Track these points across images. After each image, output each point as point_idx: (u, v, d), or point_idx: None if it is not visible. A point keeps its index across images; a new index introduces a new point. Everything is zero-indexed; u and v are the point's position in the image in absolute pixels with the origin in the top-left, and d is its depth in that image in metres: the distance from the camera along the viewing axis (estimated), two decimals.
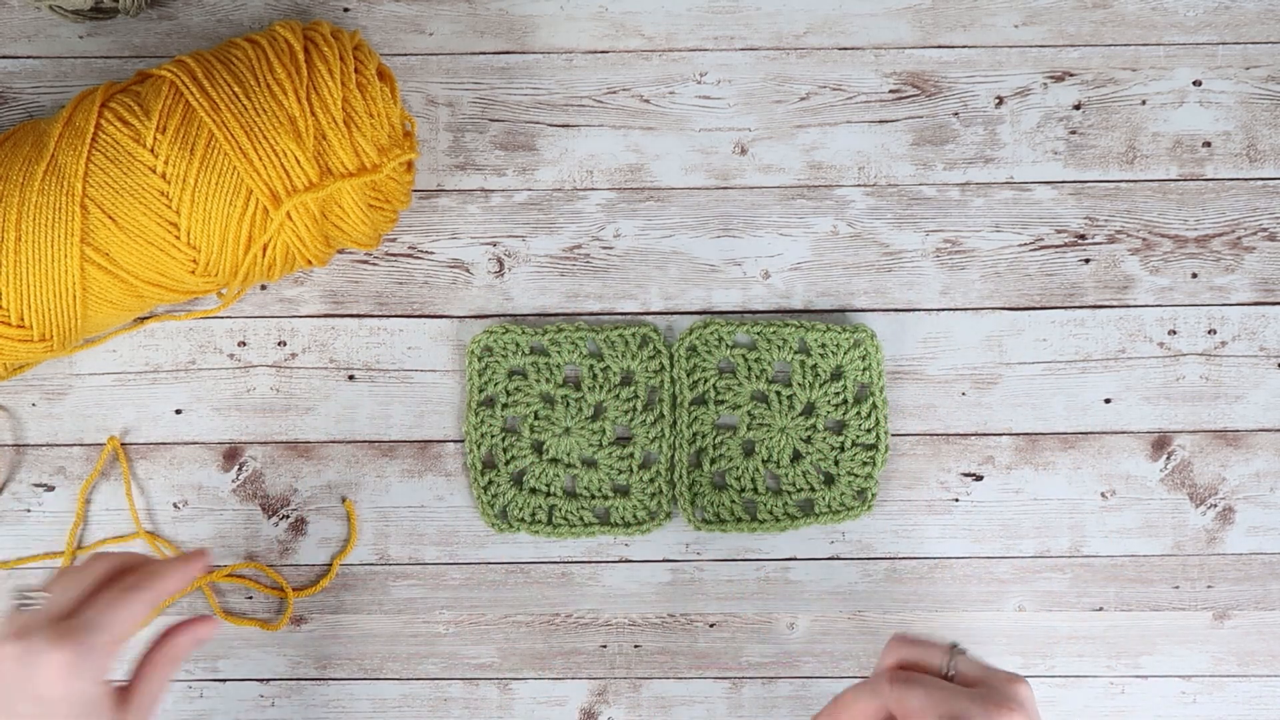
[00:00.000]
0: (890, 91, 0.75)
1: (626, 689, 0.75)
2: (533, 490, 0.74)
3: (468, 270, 0.75)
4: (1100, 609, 0.75)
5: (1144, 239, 0.75)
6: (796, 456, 0.74)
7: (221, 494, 0.75)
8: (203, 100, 0.66)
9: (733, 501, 0.74)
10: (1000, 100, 0.75)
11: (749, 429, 0.74)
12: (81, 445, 0.74)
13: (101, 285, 0.68)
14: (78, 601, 0.57)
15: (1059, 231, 0.75)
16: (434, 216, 0.75)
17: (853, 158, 0.75)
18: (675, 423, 0.74)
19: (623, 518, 0.74)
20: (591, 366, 0.74)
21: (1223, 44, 0.75)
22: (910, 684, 0.54)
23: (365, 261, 0.75)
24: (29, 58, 0.75)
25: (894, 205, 0.75)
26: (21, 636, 0.55)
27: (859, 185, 0.75)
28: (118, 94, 0.68)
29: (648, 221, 0.75)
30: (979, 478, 0.75)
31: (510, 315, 0.75)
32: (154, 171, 0.66)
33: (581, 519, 0.74)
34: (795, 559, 0.75)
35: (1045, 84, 0.75)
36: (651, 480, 0.74)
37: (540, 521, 0.74)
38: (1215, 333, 0.75)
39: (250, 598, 0.74)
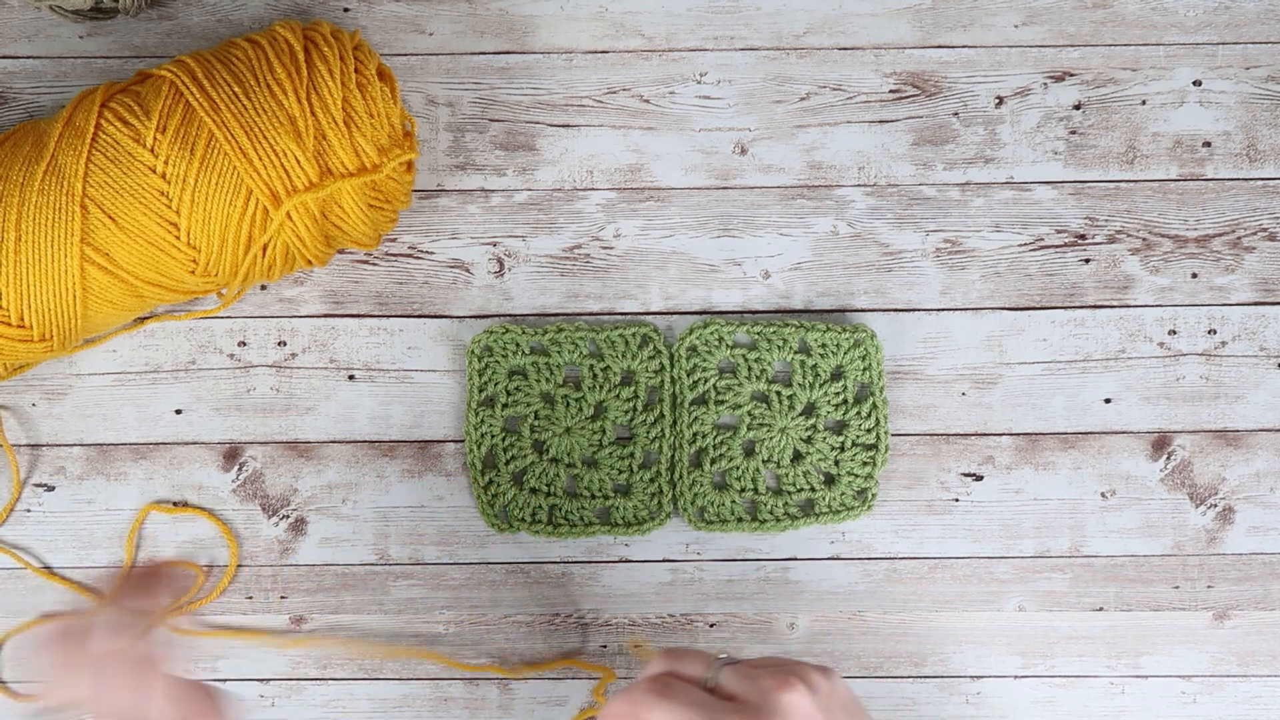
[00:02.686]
0: (890, 91, 0.75)
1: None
2: (533, 490, 0.74)
3: (468, 270, 0.75)
4: (1100, 609, 0.75)
5: (1144, 239, 0.75)
6: (797, 456, 0.74)
7: (221, 494, 0.75)
8: (203, 100, 0.66)
9: (733, 501, 0.74)
10: (1000, 100, 0.75)
11: (749, 429, 0.74)
12: (81, 445, 0.74)
13: (101, 285, 0.68)
14: None
15: (1059, 231, 0.75)
16: (434, 216, 0.75)
17: (853, 158, 0.75)
18: (675, 423, 0.74)
19: (623, 518, 0.74)
20: (591, 366, 0.74)
21: (1223, 44, 0.76)
22: (661, 695, 0.52)
23: (365, 261, 0.75)
24: (29, 58, 0.75)
25: (894, 205, 0.75)
26: None
27: (859, 185, 0.75)
28: (118, 94, 0.68)
29: (648, 221, 0.75)
30: (979, 478, 0.75)
31: (510, 315, 0.75)
32: (154, 171, 0.66)
33: (581, 519, 0.74)
34: (795, 559, 0.75)
35: (1045, 84, 0.75)
36: (651, 480, 0.74)
37: (540, 521, 0.74)
38: (1215, 333, 0.75)
39: (250, 598, 0.74)
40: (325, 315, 0.75)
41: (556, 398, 0.74)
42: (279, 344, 0.75)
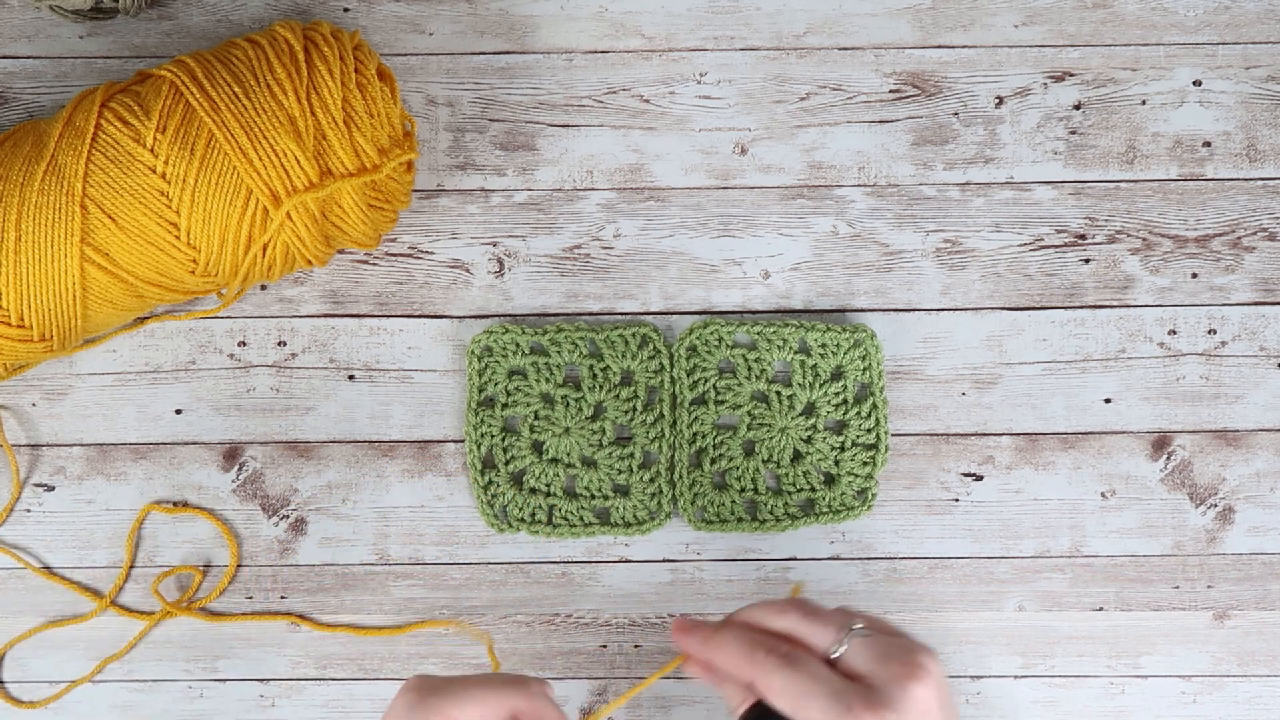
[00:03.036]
0: (890, 91, 0.75)
1: (626, 689, 0.74)
2: (533, 490, 0.74)
3: (468, 270, 0.75)
4: (1100, 609, 0.75)
5: (1144, 239, 0.75)
6: (797, 456, 0.74)
7: (221, 494, 0.75)
8: (203, 100, 0.66)
9: (733, 501, 0.74)
10: (1000, 100, 0.75)
11: (749, 429, 0.74)
12: (81, 445, 0.74)
13: (101, 285, 0.68)
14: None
15: (1059, 231, 0.75)
16: (434, 216, 0.75)
17: (853, 158, 0.75)
18: (675, 423, 0.74)
19: (623, 518, 0.74)
20: (591, 366, 0.74)
21: (1223, 44, 0.76)
22: (785, 663, 0.48)
23: (365, 261, 0.75)
24: (29, 58, 0.75)
25: (894, 205, 0.75)
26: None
27: (859, 185, 0.75)
28: (118, 94, 0.68)
29: (648, 221, 0.75)
30: (979, 478, 0.75)
31: (510, 315, 0.75)
32: (154, 171, 0.66)
33: (581, 519, 0.74)
34: (795, 559, 0.75)
35: (1045, 84, 0.75)
36: (651, 480, 0.74)
37: (540, 521, 0.74)
38: (1215, 333, 0.75)
39: (250, 597, 0.74)
40: (325, 315, 0.75)
41: (556, 398, 0.74)
42: (279, 344, 0.75)
